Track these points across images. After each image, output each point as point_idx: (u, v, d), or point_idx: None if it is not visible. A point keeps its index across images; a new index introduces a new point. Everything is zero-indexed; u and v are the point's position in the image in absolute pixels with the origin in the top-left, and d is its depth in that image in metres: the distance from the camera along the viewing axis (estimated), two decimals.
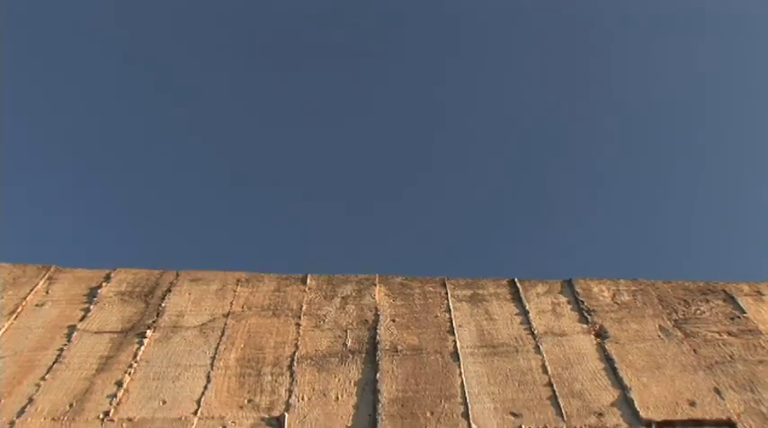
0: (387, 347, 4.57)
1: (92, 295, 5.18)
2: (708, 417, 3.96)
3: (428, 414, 4.00)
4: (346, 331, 4.77)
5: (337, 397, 4.16)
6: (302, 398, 4.15)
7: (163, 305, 5.05)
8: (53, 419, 3.98)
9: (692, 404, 4.06)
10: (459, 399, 4.11)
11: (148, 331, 4.75)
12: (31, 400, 4.12)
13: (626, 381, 4.24)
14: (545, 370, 4.35)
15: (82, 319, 4.89)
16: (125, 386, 4.24)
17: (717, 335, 4.68)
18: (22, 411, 4.03)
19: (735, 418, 3.95)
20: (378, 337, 4.68)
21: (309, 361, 4.47)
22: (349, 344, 4.63)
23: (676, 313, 4.95)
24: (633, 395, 4.12)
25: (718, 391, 4.16)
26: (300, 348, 4.59)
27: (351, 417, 4.01)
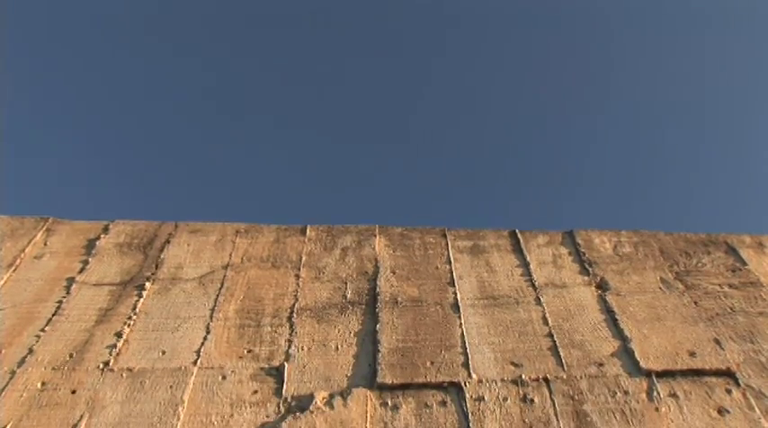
0: (387, 298, 4.56)
1: (90, 247, 5.16)
2: (707, 367, 3.97)
3: (428, 364, 4.00)
4: (346, 282, 4.75)
5: (337, 348, 4.16)
6: (302, 349, 4.15)
7: (162, 257, 5.03)
8: (53, 369, 3.99)
9: (692, 354, 4.06)
10: (460, 349, 4.11)
11: (147, 283, 4.73)
12: (31, 351, 4.12)
13: (626, 332, 4.24)
14: (545, 322, 4.35)
15: (81, 271, 4.87)
16: (125, 337, 4.24)
17: (718, 287, 4.67)
18: (22, 361, 4.04)
19: (734, 368, 3.96)
20: (378, 288, 4.67)
21: (309, 312, 4.46)
22: (349, 296, 4.62)
23: (678, 265, 4.92)
24: (633, 345, 4.12)
25: (718, 342, 4.16)
26: (300, 299, 4.58)
27: (351, 367, 4.01)
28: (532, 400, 3.76)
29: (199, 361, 4.04)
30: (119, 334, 4.25)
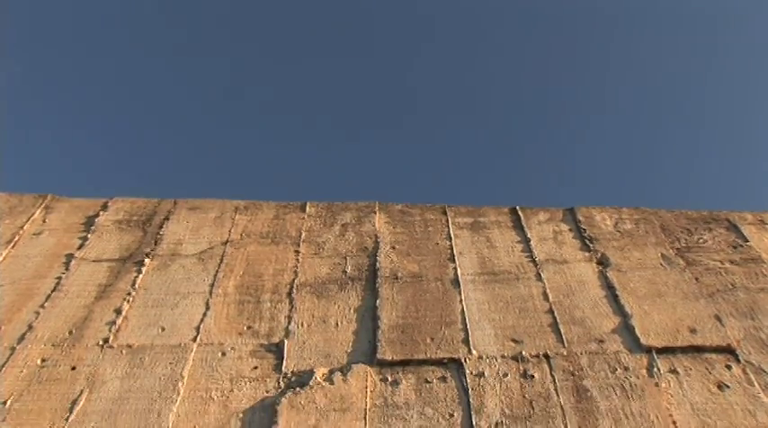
0: (387, 274, 4.55)
1: (89, 224, 5.14)
2: (708, 344, 3.96)
3: (428, 340, 4.00)
4: (346, 258, 4.73)
5: (337, 324, 4.15)
6: (301, 325, 4.14)
7: (161, 233, 5.01)
8: (53, 345, 3.99)
9: (693, 331, 4.05)
10: (460, 326, 4.11)
11: (147, 259, 4.72)
12: (30, 327, 4.12)
13: (627, 308, 4.23)
14: (546, 298, 4.34)
15: (80, 248, 4.86)
16: (124, 313, 4.23)
17: (719, 264, 4.65)
18: (22, 337, 4.04)
19: (734, 344, 3.95)
20: (378, 264, 4.65)
21: (309, 288, 4.45)
22: (349, 271, 4.60)
23: (679, 241, 4.91)
24: (634, 322, 4.12)
25: (718, 318, 4.15)
26: (300, 275, 4.57)
27: (351, 343, 4.01)
28: (533, 376, 3.76)
29: (198, 338, 4.03)
30: (118, 311, 4.24)
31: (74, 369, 3.82)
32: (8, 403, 3.59)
